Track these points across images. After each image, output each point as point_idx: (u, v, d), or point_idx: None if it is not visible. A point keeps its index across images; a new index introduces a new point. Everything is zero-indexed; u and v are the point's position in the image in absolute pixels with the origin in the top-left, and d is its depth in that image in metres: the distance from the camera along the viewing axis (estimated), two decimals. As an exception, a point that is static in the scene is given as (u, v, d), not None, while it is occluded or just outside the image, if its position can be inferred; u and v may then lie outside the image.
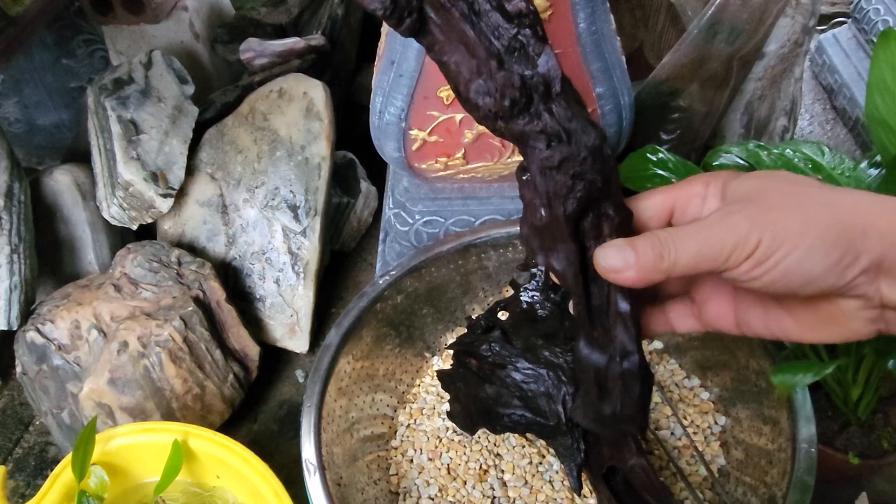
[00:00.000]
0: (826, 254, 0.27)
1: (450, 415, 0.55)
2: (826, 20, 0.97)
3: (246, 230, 0.68)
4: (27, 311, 0.64)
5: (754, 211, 0.28)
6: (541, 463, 0.53)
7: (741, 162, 0.50)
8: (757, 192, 0.30)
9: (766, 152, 0.49)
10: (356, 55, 0.89)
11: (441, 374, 0.54)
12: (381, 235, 0.75)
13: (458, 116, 0.56)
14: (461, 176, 0.62)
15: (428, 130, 0.57)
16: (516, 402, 0.48)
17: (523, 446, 0.55)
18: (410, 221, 0.66)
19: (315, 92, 0.67)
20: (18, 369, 0.65)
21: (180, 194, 0.67)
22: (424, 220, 0.65)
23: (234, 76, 0.82)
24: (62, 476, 0.54)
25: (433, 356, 0.64)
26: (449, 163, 0.60)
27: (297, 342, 0.69)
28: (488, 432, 0.56)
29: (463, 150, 0.58)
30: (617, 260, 0.30)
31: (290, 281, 0.68)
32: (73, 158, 0.75)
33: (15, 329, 0.63)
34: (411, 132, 0.57)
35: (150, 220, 0.67)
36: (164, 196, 0.65)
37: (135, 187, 0.64)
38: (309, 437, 0.50)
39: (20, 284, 0.63)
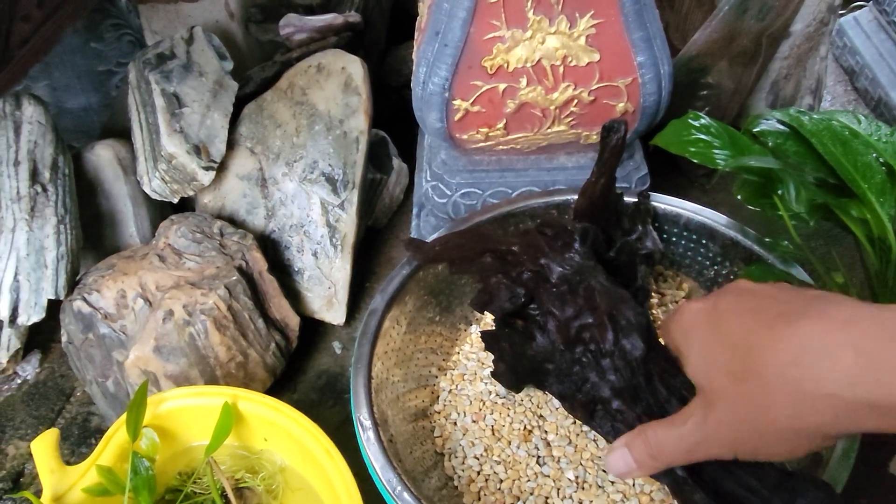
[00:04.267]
0: (802, 444, 0.29)
1: (494, 374, 0.56)
2: (846, 3, 0.98)
3: (285, 203, 0.69)
4: (73, 282, 0.65)
5: (722, 414, 0.31)
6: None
7: (782, 128, 0.52)
8: (707, 374, 0.32)
9: (807, 117, 0.50)
10: (385, 37, 0.90)
11: (485, 335, 0.55)
12: (415, 210, 0.76)
13: (502, 86, 0.57)
14: (500, 147, 0.63)
15: (471, 100, 0.58)
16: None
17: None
18: (448, 193, 0.67)
19: (353, 67, 0.69)
20: (64, 339, 0.66)
21: (220, 168, 0.69)
22: (462, 192, 0.67)
23: (265, 55, 0.83)
24: (115, 437, 0.56)
25: (471, 325, 0.65)
26: (490, 133, 0.61)
27: (335, 314, 0.71)
28: (531, 395, 0.57)
29: (504, 121, 0.60)
30: (622, 467, 0.36)
31: (328, 253, 0.69)
32: (108, 138, 0.76)
33: (62, 298, 0.65)
34: (454, 102, 0.58)
35: (191, 193, 0.69)
36: (206, 169, 0.66)
37: (178, 160, 0.65)
38: (360, 395, 0.52)
39: (66, 255, 0.65)
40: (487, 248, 0.52)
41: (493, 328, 0.57)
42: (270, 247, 0.70)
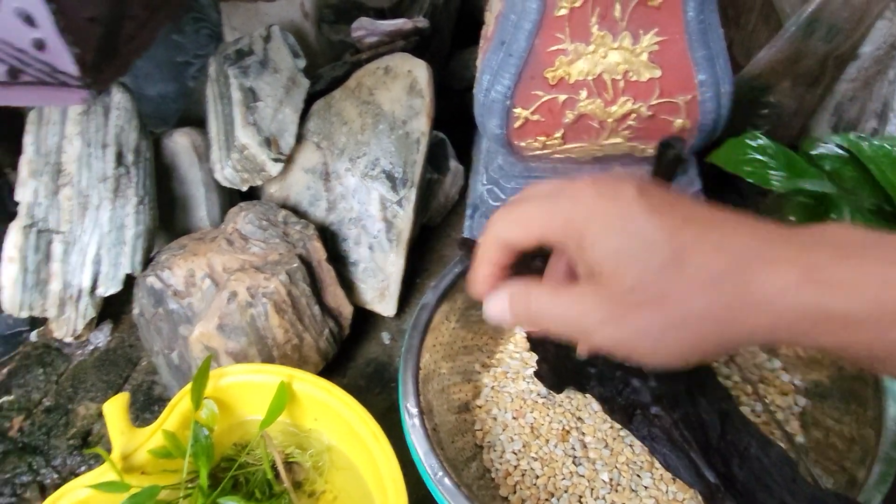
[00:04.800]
0: (696, 349, 0.27)
1: (537, 374, 0.58)
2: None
3: (345, 197, 0.73)
4: (148, 259, 0.70)
5: (611, 303, 0.29)
6: (622, 428, 0.56)
7: (840, 152, 0.52)
8: (618, 265, 0.29)
9: (866, 143, 0.51)
10: (450, 41, 0.93)
11: (531, 337, 0.57)
12: (469, 211, 0.79)
13: (562, 97, 0.59)
14: (556, 155, 0.65)
15: (531, 109, 0.60)
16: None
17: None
18: (503, 197, 0.69)
19: (419, 71, 0.71)
20: (135, 311, 0.71)
21: (288, 161, 0.72)
22: (516, 196, 0.69)
23: (335, 55, 0.87)
24: (179, 405, 0.60)
25: (515, 327, 0.67)
26: (547, 142, 0.63)
27: (386, 306, 0.74)
28: (571, 397, 0.59)
29: (562, 131, 0.61)
30: (497, 313, 0.35)
31: (384, 248, 0.72)
32: (183, 125, 0.81)
33: (137, 274, 0.69)
34: (515, 110, 0.60)
35: (259, 183, 0.73)
36: (275, 161, 0.70)
37: (249, 151, 0.69)
38: (409, 384, 0.54)
39: (144, 233, 0.69)
40: (540, 253, 0.54)
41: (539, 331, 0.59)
42: (329, 238, 0.74)
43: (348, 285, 0.74)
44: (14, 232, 0.71)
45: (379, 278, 0.73)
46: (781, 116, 0.77)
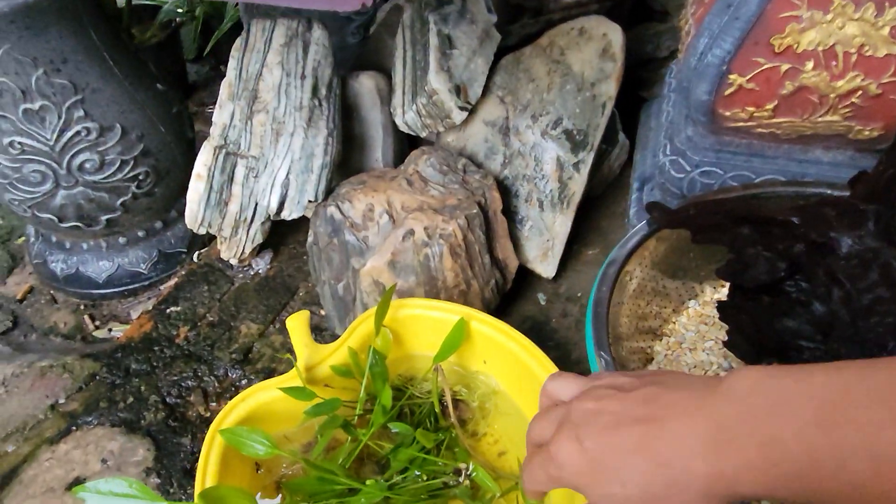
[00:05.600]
0: None
1: (728, 344, 0.57)
2: None
3: (522, 154, 0.73)
4: (329, 190, 0.73)
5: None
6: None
7: None
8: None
9: None
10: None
11: (723, 306, 0.56)
12: (636, 185, 0.78)
13: (784, 66, 0.57)
14: (759, 130, 0.63)
15: (748, 77, 0.59)
16: (819, 337, 0.50)
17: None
18: (688, 169, 0.68)
19: (614, 34, 0.71)
20: (310, 239, 0.74)
21: (470, 111, 0.73)
22: (702, 170, 0.67)
23: (511, 16, 0.87)
24: (360, 328, 0.61)
25: (689, 300, 0.66)
26: (755, 113, 0.61)
27: (547, 266, 0.74)
28: (757, 374, 0.57)
29: (775, 103, 0.60)
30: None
31: (554, 208, 0.72)
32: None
33: (318, 202, 0.72)
34: (730, 76, 0.59)
35: (440, 130, 0.74)
36: (461, 109, 0.71)
37: (438, 96, 0.71)
38: (601, 332, 0.54)
39: (329, 164, 0.72)
40: (751, 219, 0.52)
41: (728, 300, 0.57)
42: (501, 192, 0.74)
43: (513, 241, 0.74)
44: (205, 151, 0.75)
45: (544, 238, 0.73)
46: None
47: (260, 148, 0.72)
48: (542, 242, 0.73)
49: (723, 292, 0.65)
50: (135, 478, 0.67)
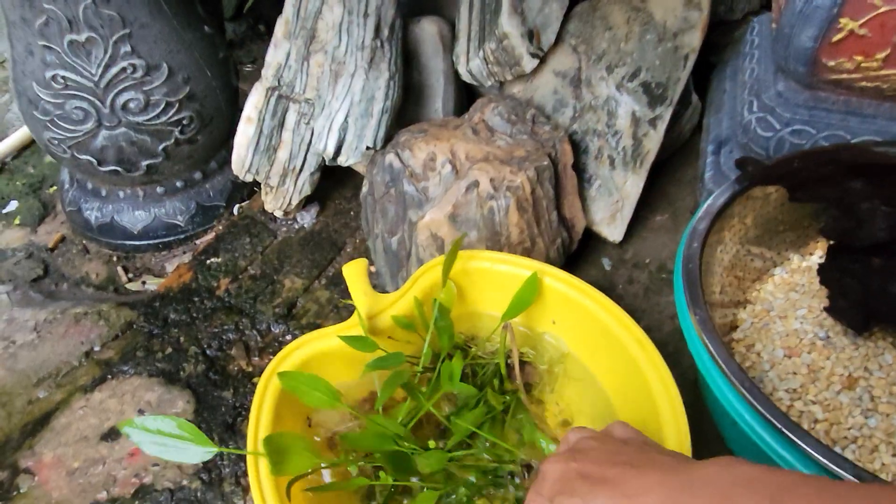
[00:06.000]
0: None
1: (831, 310, 0.52)
2: None
3: (594, 107, 0.69)
4: (388, 136, 0.68)
5: None
6: (924, 386, 0.49)
7: None
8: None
9: None
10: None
11: (825, 268, 0.52)
12: (711, 147, 0.73)
13: (904, 10, 0.53)
14: (863, 83, 0.58)
15: (860, 21, 0.54)
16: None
17: (900, 366, 0.51)
18: (777, 128, 0.63)
19: (700, -18, 0.66)
20: (364, 189, 0.70)
21: (540, 60, 0.69)
22: (793, 128, 0.62)
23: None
24: (424, 277, 0.57)
25: (776, 267, 0.61)
26: (863, 63, 0.56)
27: (614, 229, 0.69)
28: (858, 345, 0.53)
29: (887, 52, 0.55)
30: None
31: (626, 166, 0.68)
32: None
33: (377, 149, 0.68)
34: (840, 20, 0.54)
35: (508, 78, 0.69)
36: (532, 56, 0.67)
37: (509, 41, 0.66)
38: (696, 288, 0.49)
39: (390, 110, 0.68)
40: (872, 169, 0.48)
41: (829, 262, 0.53)
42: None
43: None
44: (256, 93, 0.71)
45: (614, 198, 0.68)
46: None
47: (316, 90, 0.68)
48: (611, 203, 0.68)
49: (812, 260, 0.60)
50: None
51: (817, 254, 0.60)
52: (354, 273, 0.57)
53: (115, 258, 0.84)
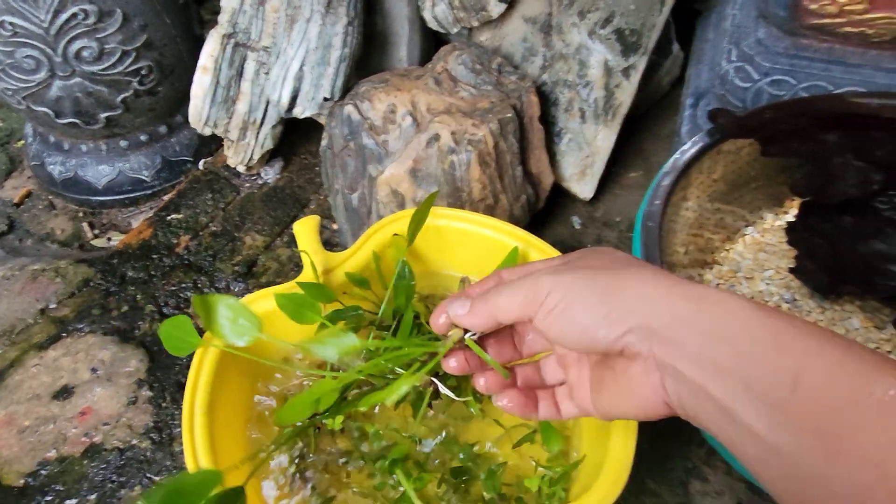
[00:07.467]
0: (596, 307, 0.31)
1: (797, 270, 0.50)
2: None
3: (565, 56, 0.65)
4: (347, 87, 0.65)
5: (553, 273, 0.33)
6: (891, 352, 0.47)
7: None
8: (570, 259, 0.35)
9: None
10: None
11: (793, 227, 0.49)
12: (690, 101, 0.69)
13: (891, -54, 0.48)
14: (845, 29, 0.55)
15: (843, -41, 0.50)
16: (914, 264, 0.42)
17: (868, 329, 0.49)
18: (756, 78, 0.59)
19: (680, -81, 0.62)
20: (323, 143, 0.67)
21: (508, 4, 0.65)
22: (772, 78, 0.59)
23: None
24: (376, 236, 0.54)
25: (747, 227, 0.58)
26: (846, 6, 0.52)
27: (584, 186, 0.66)
28: (825, 308, 0.50)
29: (873, -7, 0.51)
30: (458, 309, 0.36)
31: (597, 119, 0.64)
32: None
33: (335, 99, 0.64)
34: (822, -41, 0.50)
35: (474, 24, 0.66)
36: (500, 0, 0.63)
37: (474, -16, 0.62)
38: (651, 250, 0.47)
39: (348, 58, 0.64)
40: (848, 121, 0.44)
41: (798, 221, 0.50)
42: (538, 99, 0.66)
43: (548, 156, 0.67)
44: (212, 40, 0.67)
45: (584, 153, 0.65)
46: None
47: (272, 37, 0.65)
48: (581, 158, 0.65)
49: (785, 219, 0.57)
50: (125, 389, 0.63)
51: (792, 212, 0.58)
52: (305, 230, 0.54)
53: (80, 214, 0.82)
